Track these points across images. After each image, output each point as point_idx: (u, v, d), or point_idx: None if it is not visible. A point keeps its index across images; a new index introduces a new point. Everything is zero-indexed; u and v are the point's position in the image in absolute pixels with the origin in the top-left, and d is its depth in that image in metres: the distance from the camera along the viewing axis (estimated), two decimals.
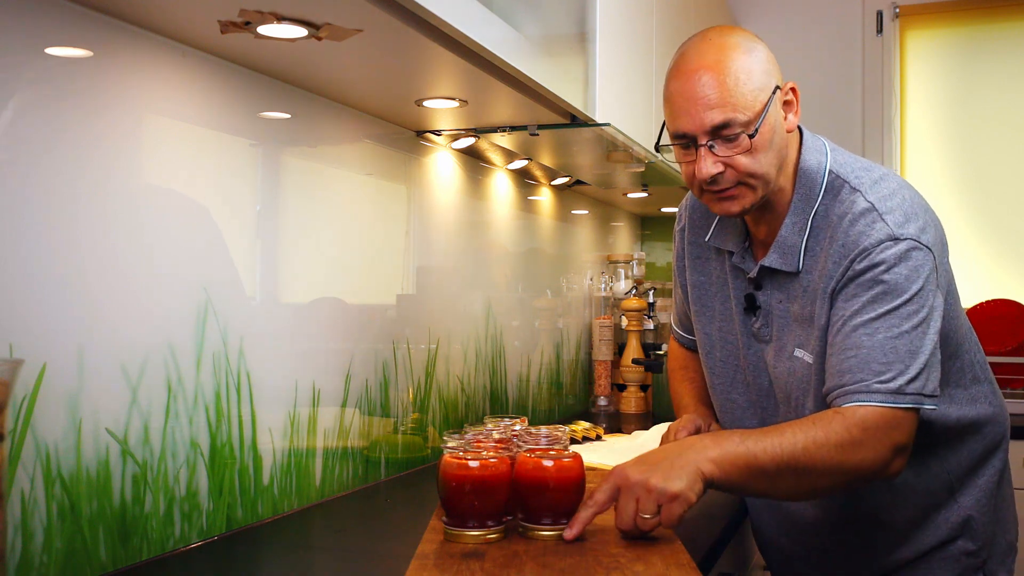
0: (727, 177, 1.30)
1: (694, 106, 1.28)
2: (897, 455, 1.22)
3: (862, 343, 1.23)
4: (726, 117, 1.26)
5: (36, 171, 1.07)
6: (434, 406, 1.98)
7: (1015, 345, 3.04)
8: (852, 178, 1.33)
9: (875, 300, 1.24)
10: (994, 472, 1.45)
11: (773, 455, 1.19)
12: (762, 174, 1.30)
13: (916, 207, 1.30)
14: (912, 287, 1.24)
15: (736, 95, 1.26)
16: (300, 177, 1.56)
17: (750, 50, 1.30)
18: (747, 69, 1.28)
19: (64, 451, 1.09)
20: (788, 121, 1.33)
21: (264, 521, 1.44)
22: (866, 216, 1.28)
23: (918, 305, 1.24)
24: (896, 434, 1.22)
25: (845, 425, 1.20)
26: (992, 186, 3.45)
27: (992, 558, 1.45)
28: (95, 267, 1.14)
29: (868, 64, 3.53)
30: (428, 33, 1.23)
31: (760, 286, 1.40)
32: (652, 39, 2.21)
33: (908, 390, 1.22)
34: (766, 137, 1.29)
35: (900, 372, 1.22)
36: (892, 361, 1.22)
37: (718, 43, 1.29)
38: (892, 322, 1.23)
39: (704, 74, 1.27)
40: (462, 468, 1.23)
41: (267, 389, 1.45)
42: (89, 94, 1.14)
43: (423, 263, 1.97)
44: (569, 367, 2.84)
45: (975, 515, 1.42)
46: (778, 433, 1.22)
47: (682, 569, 1.11)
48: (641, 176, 2.55)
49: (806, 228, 1.34)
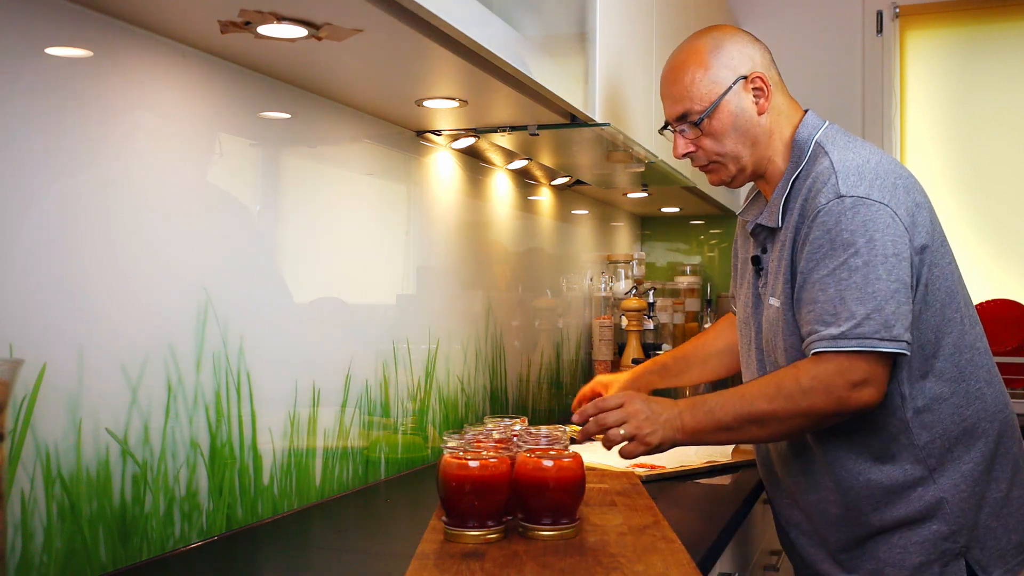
0: (699, 156, 1.56)
1: (665, 99, 1.57)
2: (855, 389, 1.34)
3: (816, 298, 1.38)
4: (684, 108, 1.52)
5: (36, 171, 1.07)
6: (434, 406, 1.98)
7: (1015, 345, 3.04)
8: (829, 145, 1.47)
9: (825, 256, 1.37)
10: (980, 460, 1.47)
11: (735, 414, 1.39)
12: (726, 153, 1.53)
13: (881, 171, 1.40)
14: (859, 239, 1.35)
15: (690, 89, 1.51)
16: (300, 177, 1.56)
17: (715, 48, 1.52)
18: (705, 66, 1.51)
19: (64, 451, 1.09)
20: (759, 104, 1.52)
21: (264, 521, 1.44)
22: (823, 174, 1.42)
23: (867, 256, 1.35)
24: (849, 374, 1.34)
25: (796, 376, 1.37)
26: (992, 186, 3.45)
27: (981, 549, 1.46)
28: (95, 267, 1.14)
29: (868, 64, 3.53)
30: (428, 33, 1.23)
31: (765, 249, 1.56)
32: (652, 39, 2.21)
33: (853, 334, 1.34)
34: (725, 122, 1.51)
35: (846, 319, 1.34)
36: (839, 312, 1.35)
37: (690, 44, 1.55)
38: (841, 275, 1.36)
39: (671, 71, 1.55)
40: (462, 468, 1.23)
41: (267, 389, 1.45)
42: (89, 94, 1.14)
43: (423, 263, 1.97)
44: (569, 367, 2.84)
45: (949, 498, 1.45)
46: (740, 394, 1.41)
47: (682, 569, 1.11)
48: (641, 176, 2.54)
49: (787, 188, 1.49)
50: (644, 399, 1.44)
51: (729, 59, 1.51)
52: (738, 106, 1.51)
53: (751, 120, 1.51)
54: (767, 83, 1.51)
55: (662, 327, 3.01)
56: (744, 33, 1.56)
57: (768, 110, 1.52)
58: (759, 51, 1.54)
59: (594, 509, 1.41)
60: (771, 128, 1.53)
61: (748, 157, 1.53)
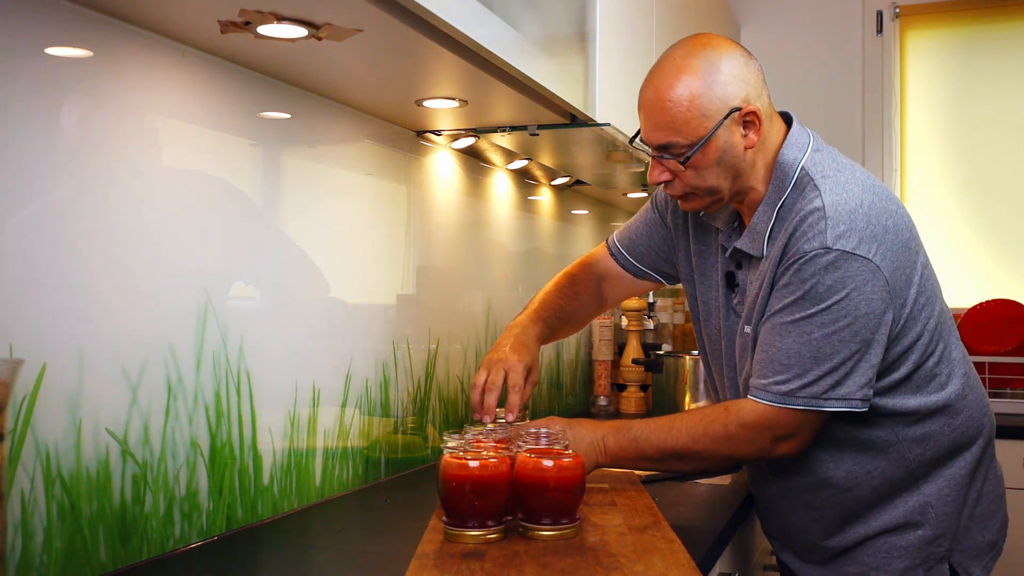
0: (675, 186, 1.42)
1: (646, 121, 1.41)
2: (779, 442, 1.36)
3: (773, 342, 1.35)
4: (668, 140, 1.37)
5: (36, 171, 1.07)
6: (434, 406, 1.98)
7: (1015, 345, 3.03)
8: (818, 176, 1.38)
9: (795, 304, 1.33)
10: (965, 465, 1.47)
11: (659, 447, 1.39)
12: (706, 187, 1.40)
13: (871, 216, 1.33)
14: (833, 297, 1.30)
15: (678, 120, 1.35)
16: (300, 177, 1.56)
17: (709, 73, 1.35)
18: (697, 96, 1.35)
19: (64, 451, 1.09)
20: (748, 139, 1.39)
21: (264, 521, 1.44)
22: (813, 215, 1.33)
23: (836, 315, 1.31)
24: (778, 428, 1.35)
25: (725, 422, 1.37)
26: (992, 186, 3.45)
27: (960, 551, 1.47)
28: (95, 267, 1.14)
29: (868, 64, 3.53)
30: (428, 33, 1.23)
31: (740, 265, 1.50)
32: (652, 39, 2.21)
33: (801, 394, 1.32)
34: (711, 158, 1.37)
35: (796, 376, 1.32)
36: (792, 365, 1.33)
37: (680, 63, 1.37)
38: (805, 328, 1.32)
39: (658, 94, 1.37)
40: (462, 468, 1.23)
41: (267, 389, 1.45)
42: (89, 94, 1.14)
43: (423, 263, 1.97)
44: (569, 367, 2.84)
45: (933, 502, 1.45)
46: (667, 428, 1.40)
47: (682, 569, 1.11)
48: (641, 176, 2.54)
49: (772, 218, 1.41)
50: (565, 423, 1.43)
51: (723, 88, 1.35)
52: (727, 141, 1.37)
53: (736, 156, 1.39)
54: (760, 117, 1.38)
55: (662, 327, 3.02)
56: (738, 49, 1.41)
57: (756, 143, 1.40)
58: (753, 72, 1.39)
59: (594, 509, 1.41)
60: (755, 159, 1.41)
61: (728, 189, 1.42)
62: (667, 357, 2.76)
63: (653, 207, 1.69)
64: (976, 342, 3.04)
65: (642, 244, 1.70)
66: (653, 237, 1.68)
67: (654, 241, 1.68)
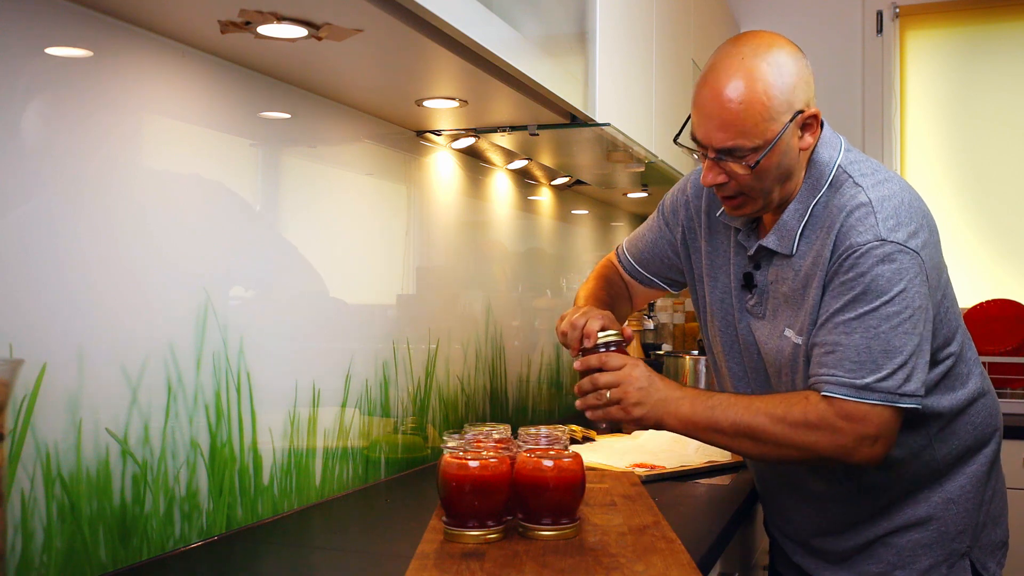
0: (730, 187, 1.38)
1: (708, 121, 1.33)
2: (863, 444, 1.29)
3: (840, 340, 1.30)
4: (734, 143, 1.32)
5: (36, 171, 1.07)
6: (434, 406, 1.98)
7: (1015, 345, 3.03)
8: (857, 175, 1.37)
9: (856, 300, 1.30)
10: (984, 462, 1.48)
11: (735, 421, 1.32)
12: (762, 189, 1.37)
13: (913, 211, 1.34)
14: (893, 289, 1.28)
15: (747, 123, 1.30)
16: (300, 177, 1.56)
17: (778, 76, 1.30)
18: (766, 96, 1.30)
19: (64, 451, 1.09)
20: (803, 140, 1.36)
21: (264, 521, 1.44)
22: (861, 210, 1.32)
23: (899, 306, 1.28)
24: (862, 426, 1.28)
25: (805, 409, 1.30)
26: (992, 186, 3.45)
27: (979, 547, 1.48)
28: (95, 267, 1.14)
29: (868, 64, 3.53)
30: (428, 33, 1.23)
31: (759, 266, 1.47)
32: (652, 39, 2.21)
33: (878, 387, 1.27)
34: (773, 162, 1.34)
35: (872, 371, 1.28)
36: (865, 360, 1.28)
37: (749, 65, 1.30)
38: (870, 323, 1.29)
39: (721, 94, 1.30)
40: (462, 468, 1.23)
41: (267, 389, 1.45)
42: (89, 94, 1.14)
43: (423, 263, 1.97)
44: (569, 367, 2.84)
45: (956, 499, 1.45)
46: (746, 404, 1.33)
47: (682, 569, 1.11)
48: (641, 176, 2.54)
49: (806, 215, 1.39)
50: (648, 370, 1.38)
51: (791, 91, 1.31)
52: (788, 144, 1.34)
53: (793, 158, 1.36)
54: (818, 120, 1.37)
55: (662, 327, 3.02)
56: (797, 50, 1.36)
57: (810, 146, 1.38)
58: (810, 72, 1.37)
59: (594, 509, 1.41)
60: (804, 161, 1.40)
61: (779, 192, 1.39)
62: (667, 357, 2.76)
63: (660, 215, 1.70)
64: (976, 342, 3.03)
65: (647, 251, 1.71)
66: (659, 244, 1.69)
67: (660, 248, 1.69)
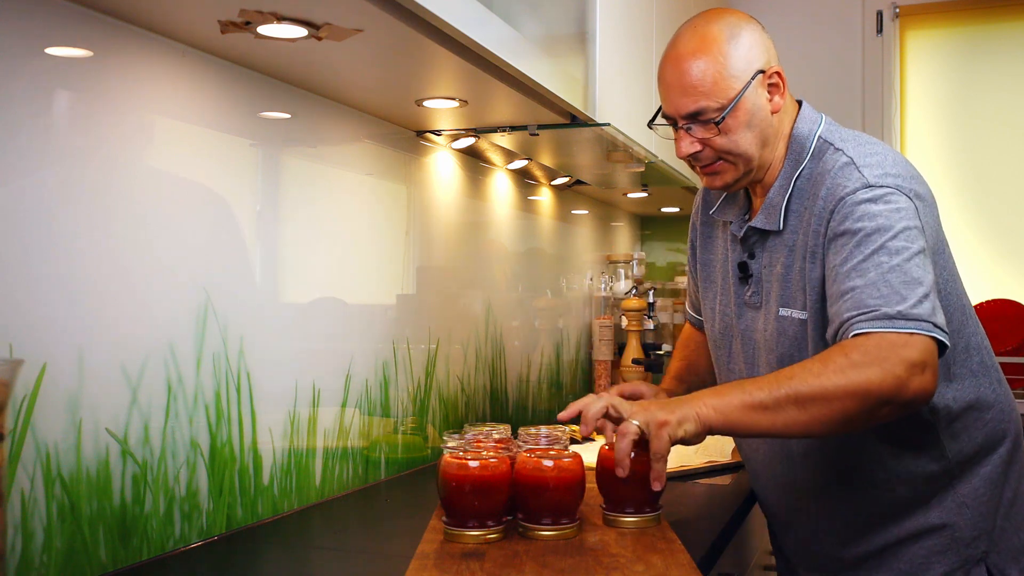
0: (706, 154, 1.40)
1: (672, 92, 1.39)
2: (914, 373, 1.16)
3: (855, 284, 1.22)
4: (699, 106, 1.36)
5: (36, 171, 1.07)
6: (434, 406, 1.98)
7: (1015, 345, 3.03)
8: (838, 141, 1.39)
9: (860, 244, 1.25)
10: (999, 463, 1.44)
11: (771, 391, 1.18)
12: (739, 152, 1.39)
13: (899, 166, 1.34)
14: (896, 224, 1.24)
15: (707, 83, 1.36)
16: (300, 177, 1.56)
17: (732, 37, 1.37)
18: (723, 57, 1.36)
19: (64, 451, 1.09)
20: (774, 102, 1.40)
21: (264, 521, 1.44)
22: (845, 169, 1.33)
23: (906, 241, 1.24)
24: (906, 351, 1.16)
25: (843, 351, 1.18)
26: (992, 186, 3.45)
27: (997, 553, 1.44)
28: (95, 267, 1.14)
29: (868, 64, 3.53)
30: (428, 33, 1.23)
31: (753, 255, 1.46)
32: (652, 39, 2.21)
33: (910, 314, 1.18)
34: (741, 120, 1.37)
35: (897, 301, 1.19)
36: (887, 293, 1.20)
37: (702, 31, 1.38)
38: (881, 259, 1.22)
39: (682, 63, 1.38)
40: (462, 468, 1.23)
41: (267, 389, 1.45)
42: (89, 94, 1.14)
43: (423, 263, 1.97)
44: (569, 367, 2.84)
45: (969, 502, 1.41)
46: (776, 374, 1.22)
47: (682, 569, 1.11)
48: (641, 176, 2.54)
49: (789, 188, 1.40)
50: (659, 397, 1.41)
51: (747, 50, 1.37)
52: (754, 103, 1.37)
53: (765, 119, 1.39)
54: (783, 79, 1.40)
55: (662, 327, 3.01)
56: (755, 21, 1.44)
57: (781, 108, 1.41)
58: (769, 41, 1.43)
59: (594, 509, 1.41)
60: (780, 125, 1.42)
61: (757, 159, 1.40)
62: (667, 357, 2.75)
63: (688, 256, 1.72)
64: None
65: (694, 296, 1.74)
66: (693, 284, 1.72)
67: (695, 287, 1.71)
